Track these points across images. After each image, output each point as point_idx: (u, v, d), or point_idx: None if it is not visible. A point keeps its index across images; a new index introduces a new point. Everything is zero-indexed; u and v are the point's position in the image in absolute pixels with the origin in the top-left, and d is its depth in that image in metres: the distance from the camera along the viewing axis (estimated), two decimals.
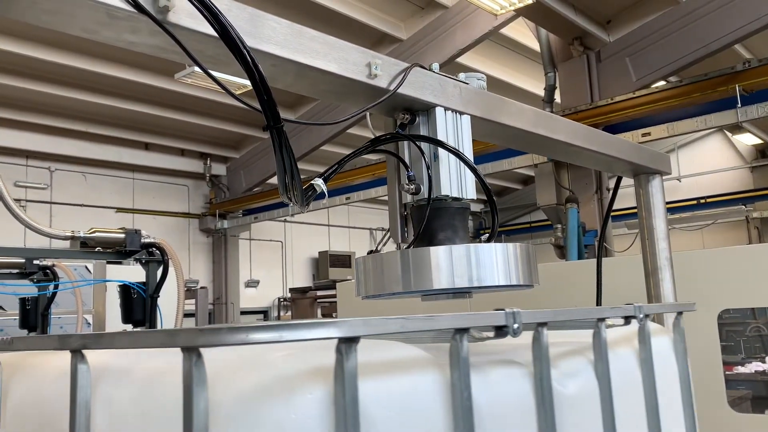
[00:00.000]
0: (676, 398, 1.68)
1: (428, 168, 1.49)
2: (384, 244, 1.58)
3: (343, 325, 0.86)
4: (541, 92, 9.07)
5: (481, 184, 1.54)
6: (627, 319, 1.52)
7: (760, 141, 14.40)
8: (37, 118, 10.36)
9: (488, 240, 1.45)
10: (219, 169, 13.36)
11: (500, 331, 1.09)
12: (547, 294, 3.62)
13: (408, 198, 1.52)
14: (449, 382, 1.04)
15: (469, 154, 1.57)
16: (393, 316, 0.92)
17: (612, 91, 8.08)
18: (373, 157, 1.59)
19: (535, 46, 9.31)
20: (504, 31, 9.14)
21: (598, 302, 2.46)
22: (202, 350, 0.82)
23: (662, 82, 8.01)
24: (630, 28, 8.29)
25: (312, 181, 1.38)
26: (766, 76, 6.89)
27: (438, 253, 1.35)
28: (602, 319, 1.36)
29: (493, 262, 1.37)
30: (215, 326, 0.80)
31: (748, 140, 14.56)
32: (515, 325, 1.09)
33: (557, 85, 8.80)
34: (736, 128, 13.00)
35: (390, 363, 1.04)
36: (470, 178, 1.56)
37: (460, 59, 9.31)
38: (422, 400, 1.01)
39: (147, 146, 12.19)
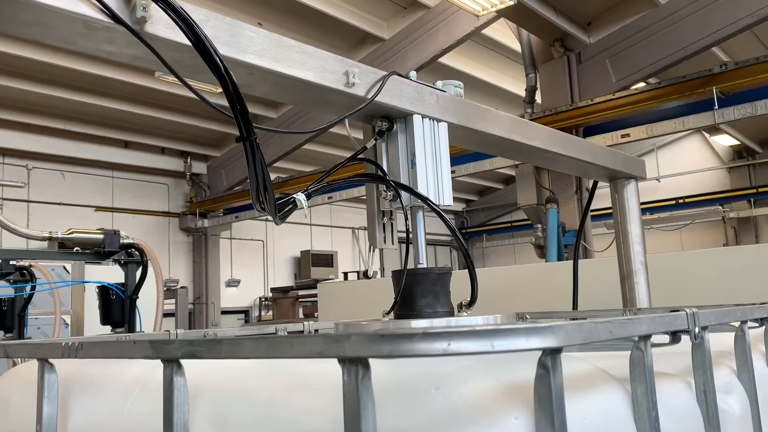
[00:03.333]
0: None
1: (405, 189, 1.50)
2: (371, 264, 1.58)
3: (560, 330, 0.68)
4: (522, 93, 9.14)
5: (458, 242, 1.51)
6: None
7: (737, 142, 14.62)
8: (14, 115, 10.24)
9: (470, 304, 1.43)
10: (199, 167, 13.29)
11: (675, 336, 0.97)
12: (527, 296, 3.66)
13: (386, 205, 1.54)
14: (630, 399, 0.88)
15: (446, 160, 1.59)
16: (600, 320, 0.78)
17: (592, 92, 8.17)
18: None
19: (517, 47, 9.37)
20: (486, 31, 9.19)
21: (575, 305, 2.49)
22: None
23: (642, 84, 8.11)
24: (610, 30, 8.38)
25: (295, 195, 1.38)
26: (742, 78, 7.00)
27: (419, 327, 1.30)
28: (745, 321, 1.21)
29: None
30: (391, 331, 0.64)
31: (725, 141, 14.78)
32: (696, 329, 0.99)
33: (538, 86, 8.87)
34: (714, 129, 13.20)
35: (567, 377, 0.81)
36: (447, 185, 1.58)
37: (442, 59, 9.35)
38: (617, 424, 0.85)
39: (126, 144, 12.09)
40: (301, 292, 13.06)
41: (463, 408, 0.75)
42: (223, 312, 13.32)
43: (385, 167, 1.55)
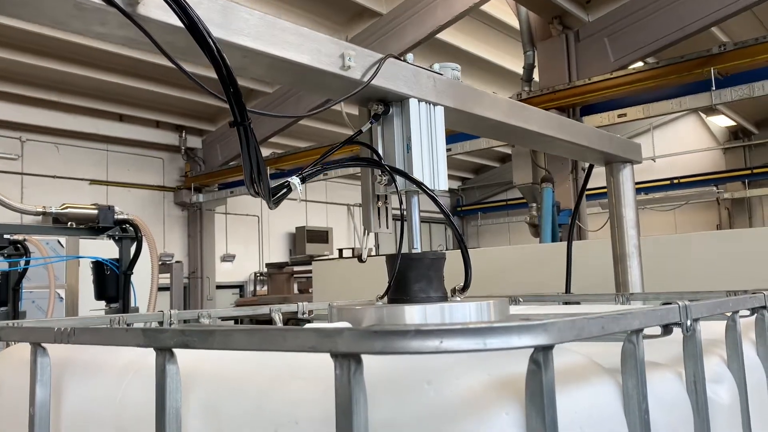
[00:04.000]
0: None
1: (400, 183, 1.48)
2: (366, 248, 1.57)
3: (552, 328, 0.68)
4: (520, 71, 9.08)
5: (452, 228, 1.51)
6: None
7: (733, 123, 14.59)
8: (8, 86, 10.13)
9: (463, 289, 1.43)
10: (194, 142, 13.21)
11: (666, 328, 0.97)
12: (521, 275, 3.67)
13: (381, 189, 1.53)
14: (620, 391, 0.88)
15: (442, 145, 1.58)
16: (592, 315, 0.76)
17: (590, 71, 8.11)
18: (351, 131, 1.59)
19: (515, 24, 9.29)
20: (484, 8, 9.10)
21: (568, 288, 2.50)
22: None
23: (640, 63, 8.06)
24: (609, 8, 8.30)
25: (289, 179, 1.37)
26: (741, 59, 6.96)
27: (412, 313, 1.30)
28: (736, 312, 1.20)
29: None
30: (384, 328, 0.64)
31: (721, 122, 14.76)
32: (688, 322, 0.99)
33: (536, 63, 8.81)
34: (711, 110, 13.16)
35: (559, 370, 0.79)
36: (443, 170, 1.57)
37: (439, 35, 9.26)
38: (608, 416, 0.85)
39: (121, 117, 12.00)
40: (296, 268, 13.08)
41: (454, 403, 0.75)
42: (218, 287, 13.34)
43: (380, 151, 1.54)
